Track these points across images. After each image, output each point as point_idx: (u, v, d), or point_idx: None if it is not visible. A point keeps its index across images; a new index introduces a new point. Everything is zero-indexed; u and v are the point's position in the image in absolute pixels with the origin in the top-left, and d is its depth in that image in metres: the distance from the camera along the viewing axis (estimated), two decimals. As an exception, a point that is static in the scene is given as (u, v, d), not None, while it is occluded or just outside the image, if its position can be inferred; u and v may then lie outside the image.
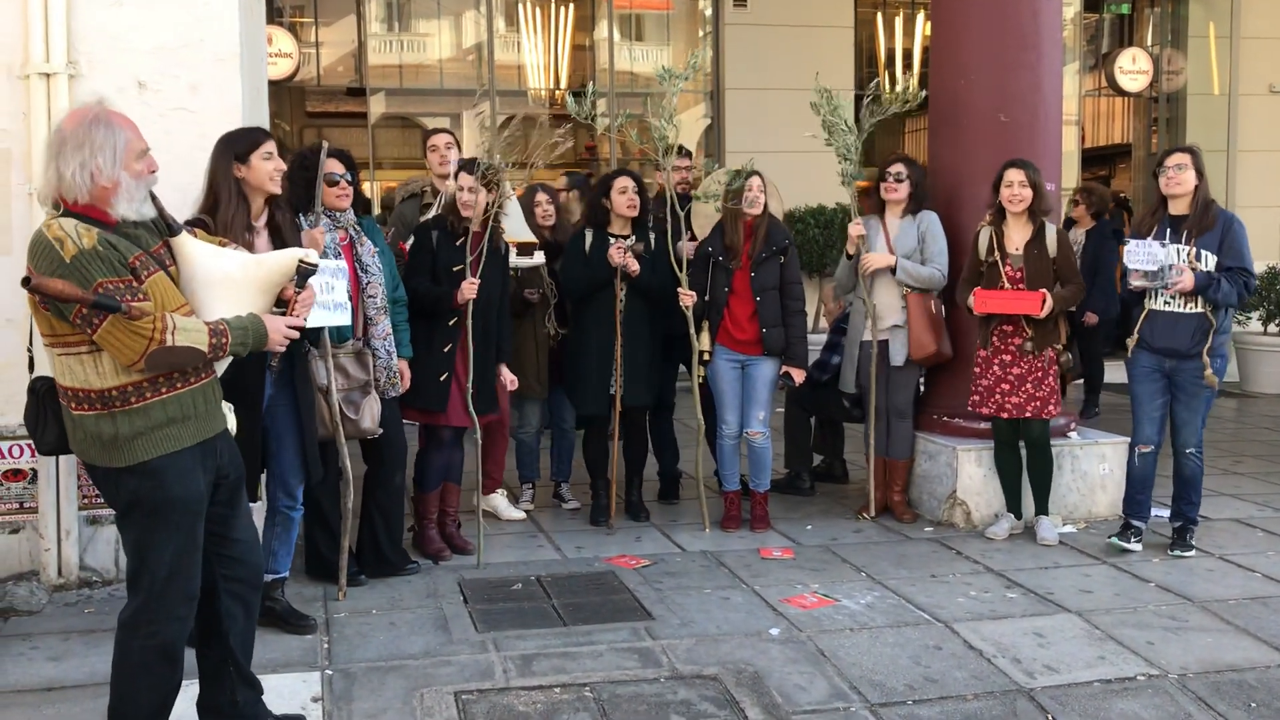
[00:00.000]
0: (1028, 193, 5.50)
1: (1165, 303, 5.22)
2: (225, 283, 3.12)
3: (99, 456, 3.03)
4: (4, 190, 4.80)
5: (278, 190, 4.10)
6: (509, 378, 5.49)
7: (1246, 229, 5.23)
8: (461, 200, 5.18)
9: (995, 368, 5.58)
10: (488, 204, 5.21)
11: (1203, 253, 5.13)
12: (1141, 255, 5.15)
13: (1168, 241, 5.18)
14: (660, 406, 6.20)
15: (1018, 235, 5.57)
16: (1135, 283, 5.20)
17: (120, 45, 4.85)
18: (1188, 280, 5.06)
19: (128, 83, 4.85)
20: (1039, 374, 5.53)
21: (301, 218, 4.66)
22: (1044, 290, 5.43)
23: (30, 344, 4.12)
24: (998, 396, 5.57)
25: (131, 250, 3.00)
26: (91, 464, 3.08)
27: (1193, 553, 5.34)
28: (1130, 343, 5.36)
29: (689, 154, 6.50)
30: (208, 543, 3.22)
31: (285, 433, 4.32)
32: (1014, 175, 5.53)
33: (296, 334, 3.27)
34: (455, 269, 5.15)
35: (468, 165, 5.24)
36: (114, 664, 3.18)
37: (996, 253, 5.56)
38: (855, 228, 5.88)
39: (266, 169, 4.03)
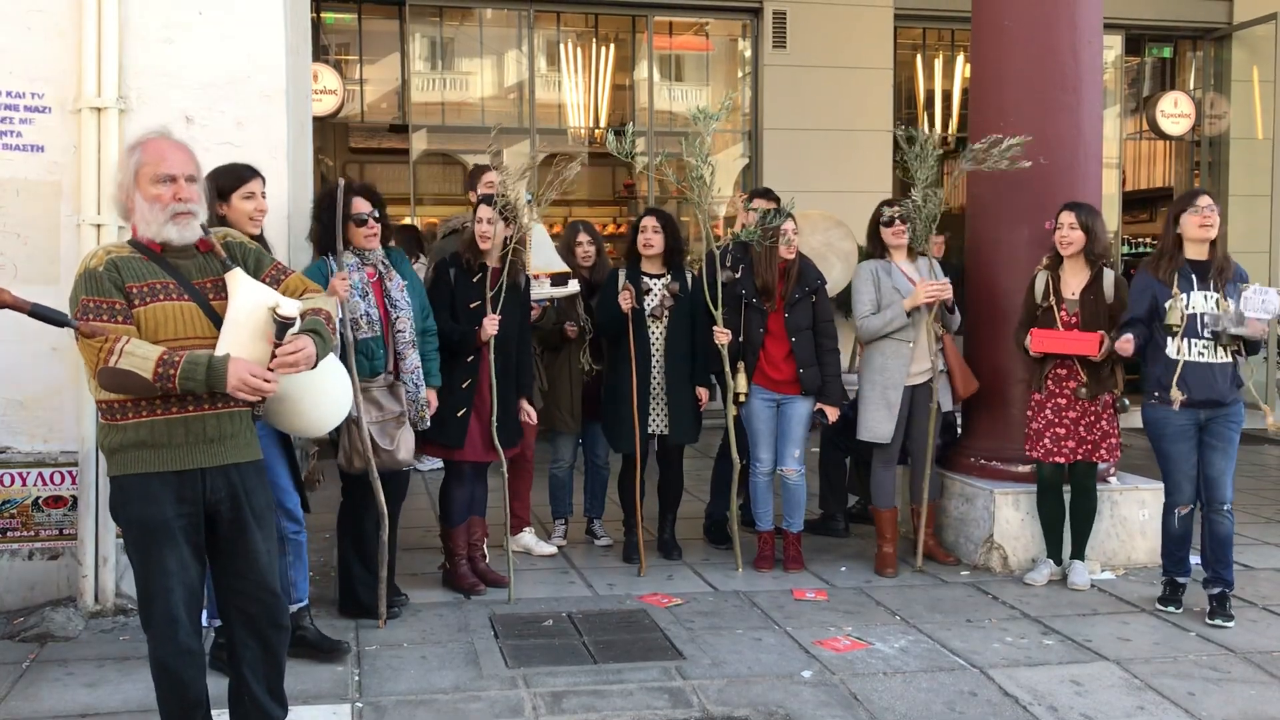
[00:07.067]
0: (1077, 235, 5.42)
1: (1199, 353, 5.01)
2: (234, 324, 3.08)
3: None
4: (53, 221, 4.90)
5: (255, 231, 4.11)
6: (530, 411, 5.48)
7: None
8: (480, 232, 5.19)
9: (1048, 412, 5.49)
10: (506, 239, 5.22)
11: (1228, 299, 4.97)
12: (1257, 302, 4.85)
13: (1208, 289, 4.98)
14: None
15: (1074, 280, 5.49)
16: (1248, 331, 4.86)
17: (170, 81, 4.96)
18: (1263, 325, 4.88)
19: (175, 117, 4.94)
20: (1091, 418, 5.45)
21: (330, 258, 4.68)
22: (1101, 331, 5.33)
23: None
24: (1047, 441, 5.48)
25: (142, 278, 3.06)
26: None
27: (1233, 624, 4.97)
28: (1176, 399, 4.99)
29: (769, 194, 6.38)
30: (219, 576, 3.26)
31: (273, 459, 4.10)
32: (1065, 217, 5.46)
33: (267, 386, 3.00)
34: (473, 305, 5.17)
35: (486, 199, 5.28)
36: None
37: (1052, 297, 5.47)
38: (938, 289, 5.64)
39: (246, 209, 4.10)
